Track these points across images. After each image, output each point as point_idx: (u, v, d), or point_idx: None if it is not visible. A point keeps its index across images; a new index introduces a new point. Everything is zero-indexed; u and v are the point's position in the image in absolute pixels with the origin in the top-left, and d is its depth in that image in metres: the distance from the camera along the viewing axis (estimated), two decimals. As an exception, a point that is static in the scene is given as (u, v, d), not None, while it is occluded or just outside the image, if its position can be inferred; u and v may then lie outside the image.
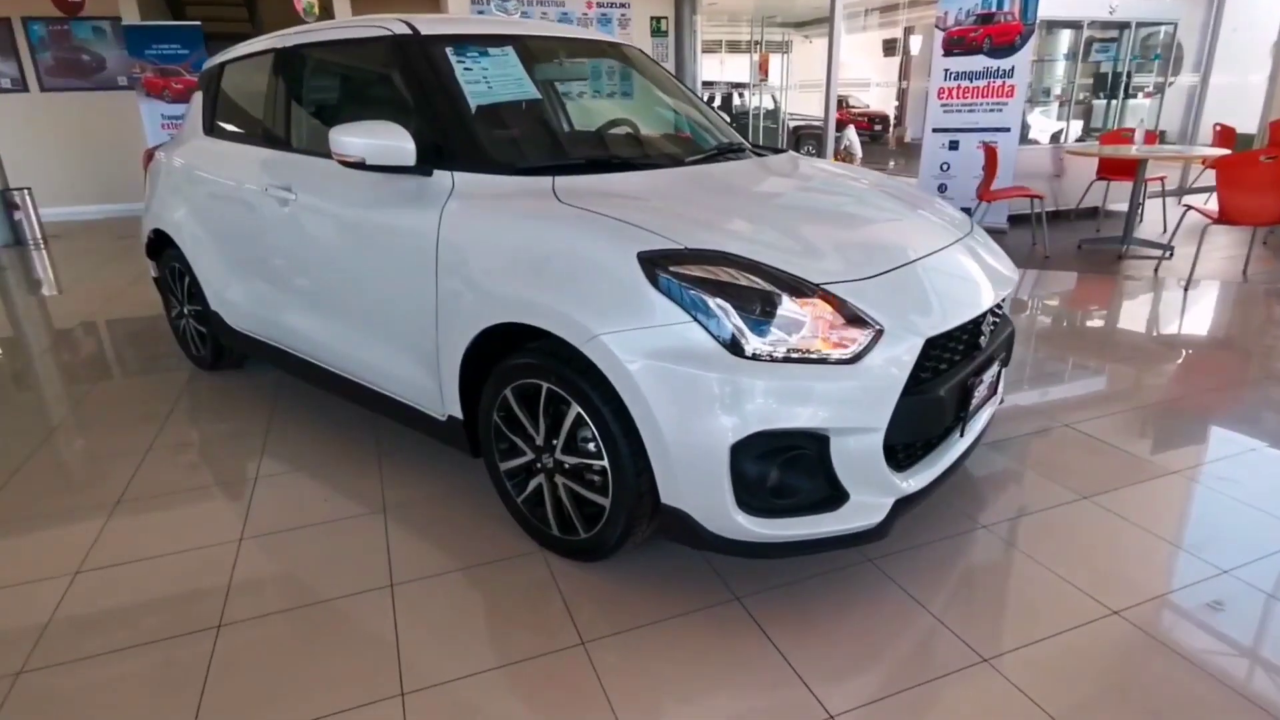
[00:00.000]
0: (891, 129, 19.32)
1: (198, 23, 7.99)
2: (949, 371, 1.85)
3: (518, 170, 2.07)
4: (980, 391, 1.99)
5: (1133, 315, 4.31)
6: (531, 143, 2.44)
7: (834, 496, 1.71)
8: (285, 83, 2.78)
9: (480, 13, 8.06)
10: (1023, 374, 3.33)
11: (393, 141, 2.03)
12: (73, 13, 8.04)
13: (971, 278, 1.99)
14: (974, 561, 2.02)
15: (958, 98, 6.39)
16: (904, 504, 1.80)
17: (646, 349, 1.64)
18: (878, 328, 1.66)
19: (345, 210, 2.35)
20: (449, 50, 2.30)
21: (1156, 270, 5.13)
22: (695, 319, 1.61)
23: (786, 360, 1.61)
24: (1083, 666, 1.64)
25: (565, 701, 1.57)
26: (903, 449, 1.83)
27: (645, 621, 1.80)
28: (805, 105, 15.22)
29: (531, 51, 2.58)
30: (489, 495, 2.28)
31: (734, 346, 1.59)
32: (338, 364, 2.55)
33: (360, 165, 2.06)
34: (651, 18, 8.72)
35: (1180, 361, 3.49)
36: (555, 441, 1.90)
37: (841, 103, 18.40)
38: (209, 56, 8.10)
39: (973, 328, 1.93)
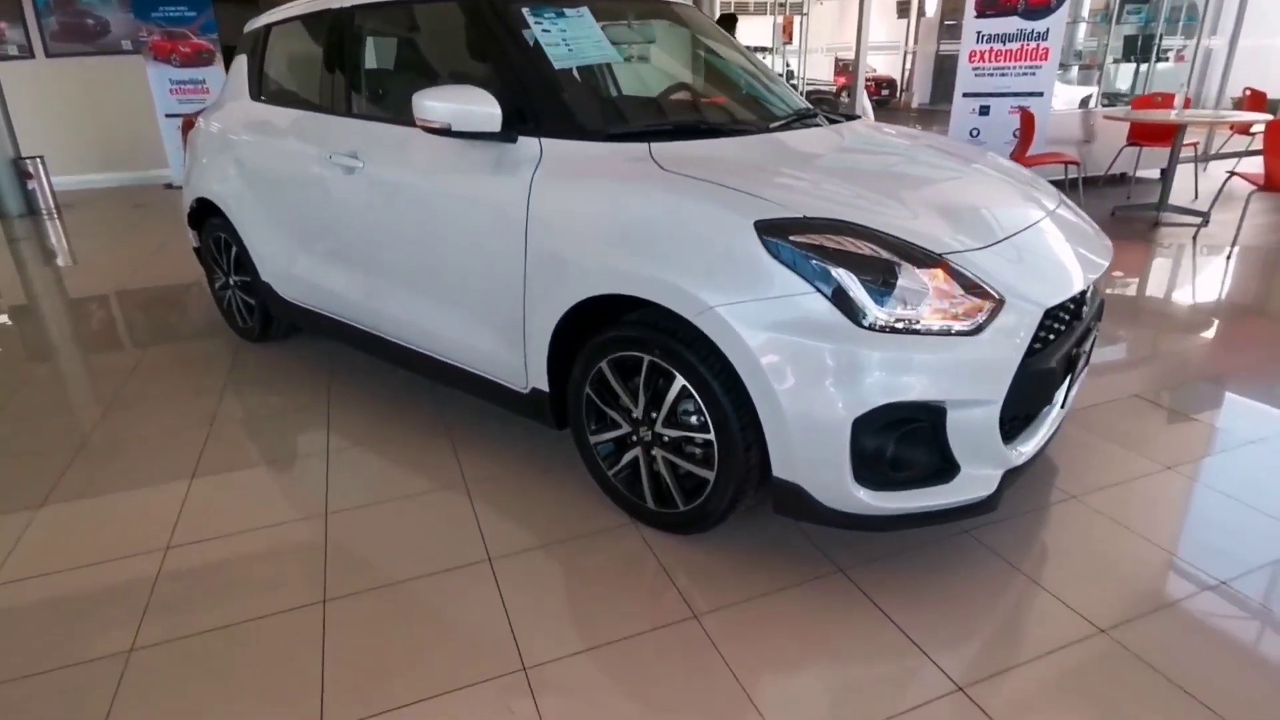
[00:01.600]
0: (900, 94, 19.05)
1: (205, -17, 7.77)
2: (1057, 341, 1.82)
3: (609, 136, 2.02)
4: (1080, 361, 1.97)
5: (1176, 283, 4.28)
6: (618, 107, 2.37)
7: (946, 469, 1.70)
8: (345, 46, 2.69)
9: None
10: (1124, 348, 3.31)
11: (479, 107, 1.97)
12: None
13: (1074, 247, 1.95)
14: (1069, 531, 2.02)
15: (990, 61, 6.27)
16: (1012, 475, 1.78)
17: (766, 321, 1.60)
18: (999, 298, 1.63)
19: (422, 179, 2.28)
20: (526, 10, 2.22)
21: (1195, 237, 5.09)
22: (817, 289, 1.58)
23: (909, 331, 1.58)
24: (1189, 638, 1.64)
25: (690, 674, 1.56)
26: (1008, 420, 1.81)
27: (753, 594, 1.79)
28: (815, 70, 14.96)
29: (598, 13, 2.49)
30: (570, 469, 2.27)
31: (857, 317, 1.56)
32: (406, 336, 2.51)
33: (445, 131, 2.00)
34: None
35: (1234, 329, 3.47)
36: (655, 414, 1.88)
37: (845, 67, 18.05)
38: (215, 20, 7.94)
39: (1079, 297, 1.90)
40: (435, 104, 1.97)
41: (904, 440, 1.66)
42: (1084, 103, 7.35)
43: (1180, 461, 2.33)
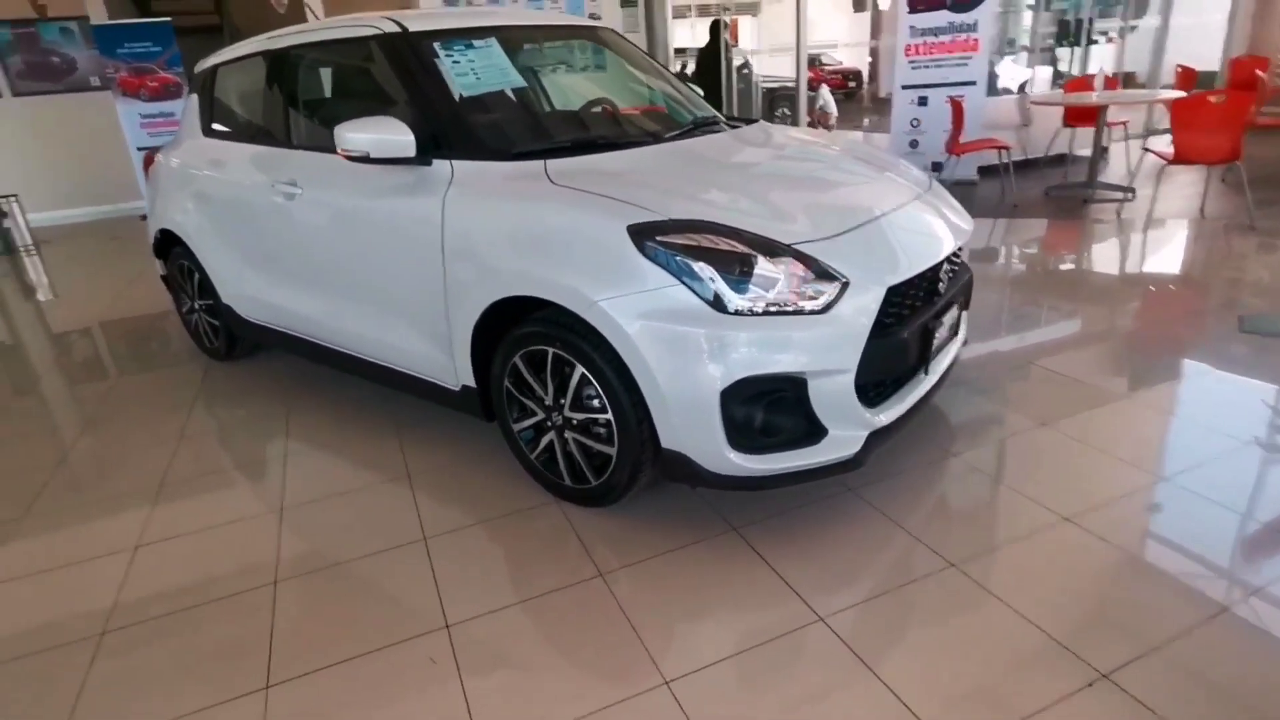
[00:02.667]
0: (865, 85, 19.36)
1: (167, 19, 7.97)
2: (911, 316, 2.06)
3: (511, 155, 2.25)
4: (941, 333, 2.22)
5: (1095, 257, 4.54)
6: (521, 128, 2.61)
7: (814, 432, 1.94)
8: (281, 83, 2.93)
9: (451, 3, 8.08)
10: (996, 318, 3.56)
11: (393, 135, 2.20)
12: (42, 14, 8.01)
13: (929, 230, 2.20)
14: (944, 485, 2.27)
15: (924, 53, 6.54)
16: (878, 436, 2.03)
17: (641, 311, 1.84)
18: (844, 281, 1.87)
19: (352, 201, 2.52)
20: (436, 45, 2.46)
21: (1119, 213, 5.36)
22: (682, 282, 1.82)
23: (765, 314, 1.82)
24: (1038, 565, 1.89)
25: (592, 624, 1.80)
26: (873, 387, 2.05)
27: (653, 554, 2.03)
28: (777, 67, 15.23)
29: (512, 41, 2.74)
30: (504, 457, 2.50)
31: (718, 304, 1.80)
32: (353, 346, 2.74)
33: (365, 159, 2.23)
34: (621, -12, 8.77)
35: (1139, 298, 3.74)
36: (563, 400, 2.12)
37: (813, 62, 18.33)
38: (180, 52, 8.15)
39: (931, 275, 2.15)
40: (354, 135, 2.20)
41: (772, 408, 1.90)
42: (1021, 88, 7.63)
43: (1054, 419, 2.58)
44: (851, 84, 18.92)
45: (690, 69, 12.26)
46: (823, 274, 1.87)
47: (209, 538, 2.27)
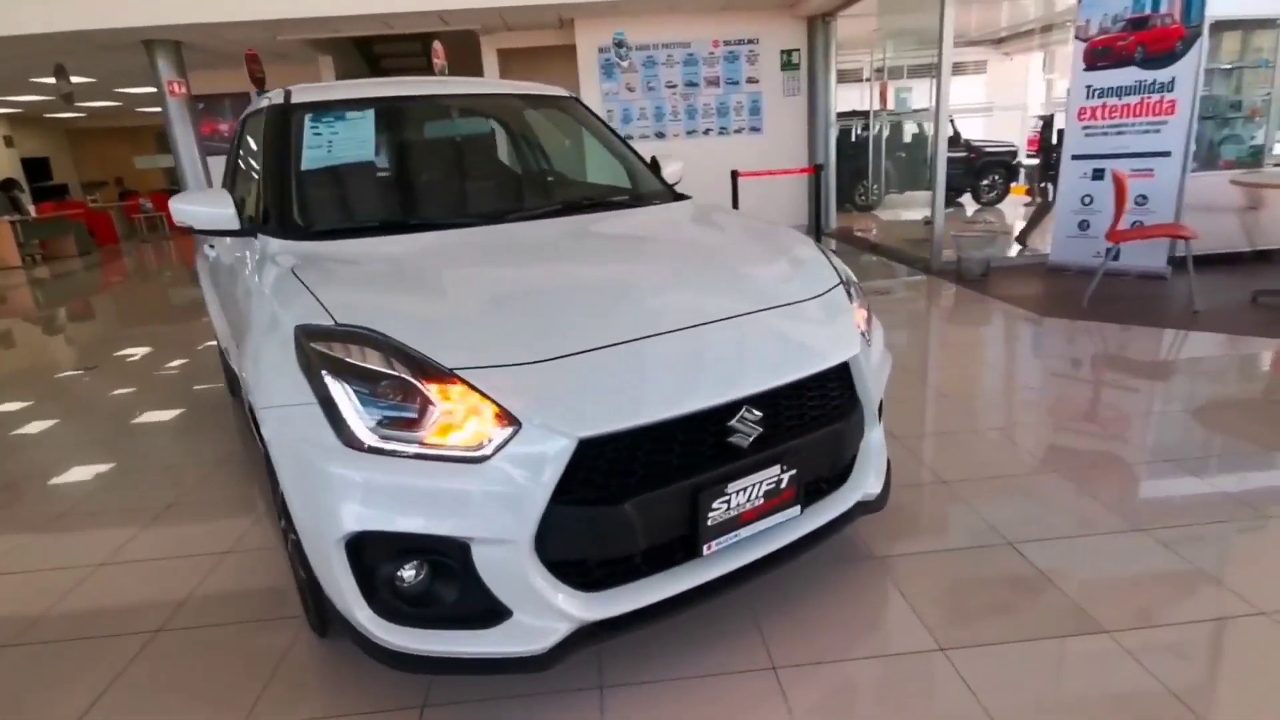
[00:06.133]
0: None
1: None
2: (653, 477, 1.52)
3: (309, 234, 2.09)
4: (736, 502, 1.61)
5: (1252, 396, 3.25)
6: (334, 205, 2.42)
7: (492, 612, 1.48)
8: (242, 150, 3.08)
9: (606, 62, 8.33)
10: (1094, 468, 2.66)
11: (214, 209, 2.15)
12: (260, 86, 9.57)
13: (728, 358, 1.63)
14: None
15: (1103, 118, 5.35)
16: (592, 635, 1.51)
17: (285, 428, 1.55)
18: (516, 422, 1.42)
19: (228, 260, 2.59)
20: (309, 116, 2.40)
21: (1348, 335, 3.84)
22: (319, 402, 1.50)
23: (405, 455, 1.43)
24: None
25: None
26: (600, 566, 1.54)
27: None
28: (1004, 129, 13.64)
29: (422, 110, 2.61)
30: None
31: (346, 436, 1.45)
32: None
33: (191, 230, 2.20)
34: (781, 51, 8.41)
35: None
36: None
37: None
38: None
39: (714, 419, 1.57)
40: (181, 206, 2.18)
41: (437, 573, 1.49)
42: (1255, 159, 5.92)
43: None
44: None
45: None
46: (496, 411, 1.43)
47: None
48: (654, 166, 2.81)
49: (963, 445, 2.84)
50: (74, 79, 9.50)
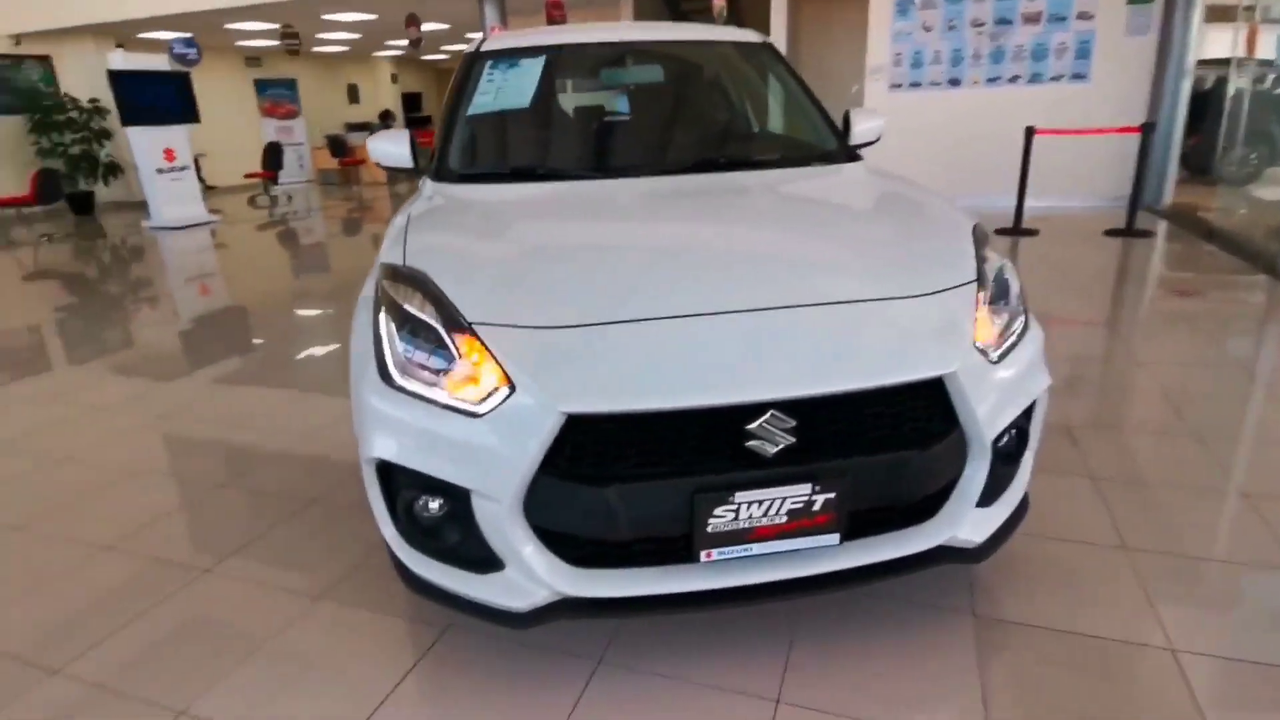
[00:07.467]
0: None
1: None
2: (646, 468, 1.42)
3: (456, 178, 2.25)
4: (750, 513, 1.44)
5: None
6: (486, 151, 2.50)
7: (489, 560, 1.55)
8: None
9: (902, 13, 7.51)
10: None
11: (394, 147, 2.41)
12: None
13: (762, 354, 1.43)
14: None
15: None
16: (570, 607, 1.50)
17: (360, 357, 1.71)
18: (510, 383, 1.42)
19: None
20: (489, 64, 2.55)
21: None
22: (375, 335, 1.64)
23: (424, 399, 1.51)
24: None
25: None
26: (588, 544, 1.51)
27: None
28: None
29: (595, 57, 2.63)
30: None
31: (384, 371, 1.57)
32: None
33: (379, 165, 2.51)
34: (1131, -19, 6.82)
35: None
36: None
37: None
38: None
39: (716, 423, 1.41)
40: (374, 144, 2.48)
41: (442, 512, 1.59)
42: None
43: None
44: None
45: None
46: (502, 372, 1.45)
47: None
48: (844, 122, 2.52)
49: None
50: (425, 26, 11.20)
